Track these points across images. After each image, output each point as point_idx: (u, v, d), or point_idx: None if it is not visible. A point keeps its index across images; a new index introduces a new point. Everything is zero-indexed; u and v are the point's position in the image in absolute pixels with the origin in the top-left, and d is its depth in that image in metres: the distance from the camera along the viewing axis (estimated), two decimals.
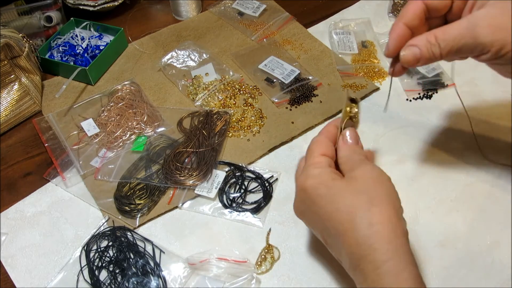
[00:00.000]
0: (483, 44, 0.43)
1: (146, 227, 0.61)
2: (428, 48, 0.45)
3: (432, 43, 0.45)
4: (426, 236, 0.58)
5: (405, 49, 0.47)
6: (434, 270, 0.55)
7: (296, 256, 0.57)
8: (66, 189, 0.65)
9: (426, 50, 0.45)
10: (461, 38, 0.44)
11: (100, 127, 0.71)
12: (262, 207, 0.62)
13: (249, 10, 0.92)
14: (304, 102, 0.75)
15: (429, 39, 0.45)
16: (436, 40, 0.45)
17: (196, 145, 0.67)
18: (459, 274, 0.54)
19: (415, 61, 0.46)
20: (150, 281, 0.55)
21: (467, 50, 0.44)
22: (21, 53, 0.72)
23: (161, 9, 0.97)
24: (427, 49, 0.45)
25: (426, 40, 0.45)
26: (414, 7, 0.47)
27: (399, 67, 0.49)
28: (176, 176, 0.64)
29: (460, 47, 0.44)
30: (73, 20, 0.88)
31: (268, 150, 0.69)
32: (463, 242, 0.57)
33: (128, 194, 0.63)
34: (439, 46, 0.45)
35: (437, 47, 0.45)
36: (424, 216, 0.60)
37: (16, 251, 0.60)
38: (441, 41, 0.45)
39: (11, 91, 0.74)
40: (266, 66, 0.79)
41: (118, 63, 0.85)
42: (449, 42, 0.44)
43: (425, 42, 0.45)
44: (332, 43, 0.85)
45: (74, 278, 0.56)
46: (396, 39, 0.47)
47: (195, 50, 0.84)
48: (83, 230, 0.61)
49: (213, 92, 0.76)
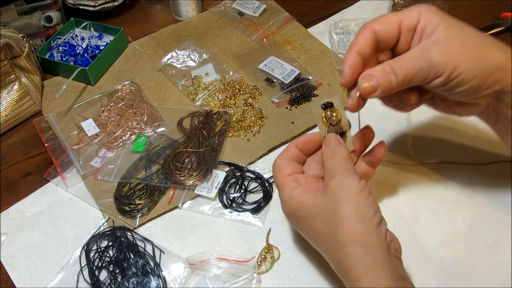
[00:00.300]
0: (437, 66, 0.44)
1: (146, 227, 0.61)
2: (385, 76, 0.45)
3: (388, 71, 0.45)
4: (426, 236, 0.58)
5: (362, 79, 0.46)
6: (434, 270, 0.55)
7: (296, 256, 0.57)
8: (66, 189, 0.65)
9: (383, 78, 0.45)
10: (415, 63, 0.45)
11: (100, 127, 0.71)
12: (262, 207, 0.62)
13: (249, 10, 0.92)
14: (304, 102, 0.75)
15: (384, 68, 0.45)
16: (391, 69, 0.45)
17: (196, 145, 0.67)
18: (459, 274, 0.54)
19: (373, 90, 0.46)
20: (150, 281, 0.55)
21: (422, 74, 0.45)
22: (21, 53, 0.72)
23: (161, 9, 0.97)
24: (383, 77, 0.45)
25: (381, 69, 0.45)
26: (364, 35, 0.47)
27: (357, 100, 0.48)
28: (176, 176, 0.64)
29: (415, 72, 0.45)
30: (73, 20, 0.88)
31: (268, 150, 0.69)
32: (463, 242, 0.57)
33: (128, 194, 0.63)
34: (395, 73, 0.45)
35: (393, 74, 0.45)
36: (424, 216, 0.60)
37: (16, 251, 0.60)
38: (397, 68, 0.45)
39: (11, 91, 0.74)
40: (266, 66, 0.79)
41: (118, 63, 0.85)
42: (404, 68, 0.45)
43: (381, 71, 0.45)
44: (332, 43, 0.85)
45: (74, 278, 0.56)
46: (351, 67, 0.47)
47: (195, 50, 0.84)
48: (83, 230, 0.61)
49: (213, 92, 0.76)
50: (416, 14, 0.47)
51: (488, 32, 0.85)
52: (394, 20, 0.47)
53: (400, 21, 0.47)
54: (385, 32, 0.47)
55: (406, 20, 0.47)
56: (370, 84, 0.45)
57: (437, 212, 0.60)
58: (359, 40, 0.47)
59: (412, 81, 0.45)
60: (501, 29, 0.84)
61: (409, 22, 0.47)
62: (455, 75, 0.44)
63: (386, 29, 0.47)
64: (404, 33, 0.47)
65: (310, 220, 0.47)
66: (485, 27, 0.86)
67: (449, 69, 0.44)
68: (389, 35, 0.47)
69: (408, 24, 0.47)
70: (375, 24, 0.47)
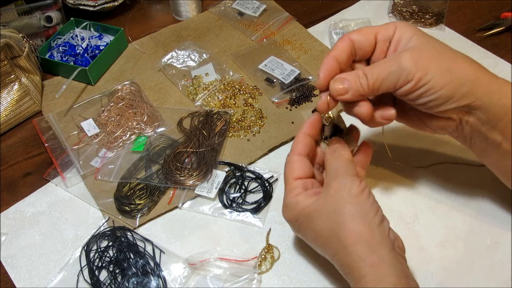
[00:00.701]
0: (407, 71, 0.45)
1: (146, 227, 0.61)
2: (356, 79, 0.47)
3: (360, 76, 0.47)
4: (426, 236, 0.58)
5: (334, 81, 0.48)
6: (434, 270, 0.55)
7: (296, 256, 0.57)
8: (66, 189, 0.65)
9: (354, 81, 0.47)
10: (386, 68, 0.47)
11: (100, 127, 0.71)
12: (262, 207, 0.62)
13: (249, 10, 0.92)
14: (304, 102, 0.75)
15: (357, 72, 0.48)
16: (363, 73, 0.47)
17: (196, 145, 0.67)
18: (459, 274, 0.54)
19: (344, 92, 0.48)
20: (150, 281, 0.55)
21: (392, 79, 0.46)
22: (21, 53, 0.72)
23: (161, 9, 0.97)
24: (355, 80, 0.47)
25: (354, 73, 0.48)
26: (341, 42, 0.50)
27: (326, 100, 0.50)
28: (176, 176, 0.64)
29: (386, 76, 0.47)
30: (73, 20, 0.88)
31: (268, 150, 0.69)
32: (463, 242, 0.57)
33: (128, 194, 0.63)
34: (367, 77, 0.47)
35: (365, 78, 0.47)
36: (424, 216, 0.60)
37: (16, 251, 0.60)
38: (368, 73, 0.47)
39: (11, 91, 0.74)
40: (266, 66, 0.79)
41: (118, 63, 0.85)
42: (375, 73, 0.47)
43: (353, 75, 0.48)
44: (332, 43, 0.85)
45: (74, 278, 0.56)
46: (326, 70, 0.49)
47: (195, 50, 0.84)
48: (83, 230, 0.61)
49: (213, 92, 0.76)
50: (392, 27, 0.50)
51: (488, 32, 0.85)
52: (371, 31, 0.50)
53: (377, 32, 0.50)
54: (361, 41, 0.50)
55: (383, 31, 0.50)
56: (342, 86, 0.48)
57: (437, 212, 0.60)
58: (337, 47, 0.50)
59: (383, 86, 0.47)
60: (501, 29, 0.84)
61: (385, 34, 0.50)
62: (424, 81, 0.46)
63: (363, 38, 0.50)
64: (380, 43, 0.50)
65: (313, 223, 0.47)
66: (485, 27, 0.86)
67: (418, 74, 0.45)
68: (365, 43, 0.50)
69: (384, 35, 0.50)
70: (353, 34, 0.50)
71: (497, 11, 0.88)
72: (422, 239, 0.57)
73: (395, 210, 0.60)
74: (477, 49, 0.82)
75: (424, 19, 0.88)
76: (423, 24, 0.88)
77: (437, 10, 0.90)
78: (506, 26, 0.84)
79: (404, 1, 0.92)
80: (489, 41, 0.84)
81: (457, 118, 0.49)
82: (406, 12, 0.90)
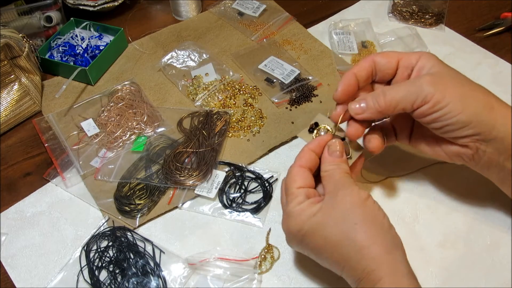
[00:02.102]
0: (425, 92, 0.47)
1: (146, 227, 0.61)
2: (374, 101, 0.49)
3: (378, 97, 0.49)
4: (426, 236, 0.58)
5: (353, 103, 0.51)
6: (434, 270, 0.55)
7: (296, 256, 0.57)
8: (66, 189, 0.65)
9: (372, 103, 0.49)
10: (405, 88, 0.48)
11: (100, 127, 0.71)
12: (262, 207, 0.62)
13: (249, 10, 0.92)
14: (304, 102, 0.75)
15: (376, 93, 0.50)
16: (382, 90, 0.49)
17: (196, 145, 0.67)
18: (459, 274, 0.54)
19: (361, 111, 0.50)
20: (150, 281, 0.55)
21: (410, 99, 0.47)
22: (21, 53, 0.72)
23: (161, 9, 0.98)
24: (373, 102, 0.49)
25: (372, 94, 0.50)
26: (364, 62, 0.52)
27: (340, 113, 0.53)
28: (176, 176, 0.64)
29: (403, 95, 0.48)
30: (73, 20, 0.88)
31: (268, 150, 0.69)
32: (463, 242, 0.57)
33: (128, 194, 0.63)
34: (384, 96, 0.49)
35: (382, 97, 0.49)
36: (424, 216, 0.60)
37: (16, 251, 0.60)
38: (387, 91, 0.49)
39: (11, 91, 0.74)
40: (266, 66, 0.79)
41: (118, 63, 0.85)
42: (393, 92, 0.49)
43: (372, 96, 0.50)
44: (332, 43, 0.85)
45: (74, 278, 0.56)
46: (345, 85, 0.52)
47: (195, 50, 0.84)
48: (83, 230, 0.61)
49: (213, 92, 0.76)
50: (416, 56, 0.51)
51: (488, 32, 0.85)
52: (395, 56, 0.52)
53: (400, 58, 0.52)
54: (383, 63, 0.52)
55: (405, 59, 0.51)
56: (359, 106, 0.50)
57: (437, 212, 0.60)
58: (359, 65, 0.52)
59: (400, 104, 0.48)
60: (501, 29, 0.84)
61: (407, 61, 0.51)
62: (442, 105, 0.47)
63: (385, 61, 0.52)
64: (401, 69, 0.51)
65: (322, 229, 0.46)
66: (485, 27, 0.86)
67: (436, 97, 0.46)
68: (386, 66, 0.52)
69: (406, 62, 0.51)
70: (377, 56, 0.52)
71: (497, 11, 0.88)
72: (422, 239, 0.57)
73: (395, 210, 0.60)
74: (477, 49, 0.82)
75: (424, 19, 0.89)
76: (423, 24, 0.88)
77: (437, 10, 0.90)
78: (506, 26, 0.84)
79: (404, 1, 0.92)
80: (489, 41, 0.84)
81: (474, 146, 0.49)
82: (406, 12, 0.90)
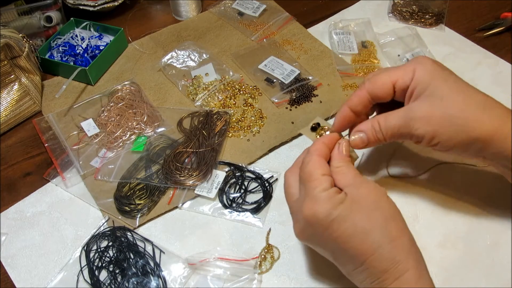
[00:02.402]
0: (418, 135, 0.49)
1: (146, 227, 0.61)
2: (373, 133, 0.51)
3: (376, 130, 0.51)
4: (426, 236, 0.58)
5: (354, 134, 0.52)
6: (434, 271, 0.54)
7: (296, 256, 0.57)
8: (66, 189, 0.65)
9: (371, 135, 0.51)
10: (398, 128, 0.50)
11: (100, 127, 0.71)
12: (262, 207, 0.62)
13: (249, 10, 0.92)
14: (304, 102, 0.75)
15: (374, 125, 0.51)
16: (379, 127, 0.51)
17: (196, 145, 0.67)
18: (459, 274, 0.54)
19: (363, 145, 0.52)
20: (150, 281, 0.55)
21: (405, 137, 0.50)
22: (21, 53, 0.72)
23: (161, 9, 0.98)
24: (372, 134, 0.51)
25: (371, 126, 0.51)
26: (359, 94, 0.52)
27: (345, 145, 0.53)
28: (176, 176, 0.64)
29: (398, 134, 0.50)
30: (73, 20, 0.88)
31: (268, 150, 0.69)
32: (463, 242, 0.57)
33: (128, 194, 0.63)
34: (382, 132, 0.51)
35: (381, 133, 0.51)
36: (424, 216, 0.60)
37: (16, 251, 0.60)
38: (383, 128, 0.50)
39: (11, 91, 0.74)
40: (266, 66, 0.79)
41: (118, 63, 0.85)
42: (389, 130, 0.50)
43: (371, 128, 0.51)
44: (332, 43, 0.85)
45: (74, 278, 0.56)
46: (340, 119, 0.53)
47: (195, 50, 0.84)
48: (83, 230, 0.61)
49: (213, 92, 0.76)
50: (410, 74, 0.50)
51: (488, 32, 0.85)
52: (388, 82, 0.51)
53: (394, 82, 0.51)
54: (378, 93, 0.52)
55: (400, 81, 0.50)
56: (361, 140, 0.52)
57: (437, 212, 0.60)
58: (353, 98, 0.53)
59: (398, 139, 0.51)
60: (501, 29, 0.84)
61: (402, 82, 0.50)
62: (434, 142, 0.49)
63: (380, 91, 0.51)
64: (399, 92, 0.51)
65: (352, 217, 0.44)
66: (485, 27, 0.86)
67: (427, 138, 0.48)
68: (381, 93, 0.52)
69: (401, 84, 0.50)
70: (369, 86, 0.52)
71: (497, 11, 0.88)
72: (422, 239, 0.57)
73: None
74: (477, 49, 0.82)
75: (424, 19, 0.88)
76: (423, 24, 0.88)
77: (437, 10, 0.90)
78: (506, 26, 0.84)
79: (404, 1, 0.92)
80: (489, 41, 0.84)
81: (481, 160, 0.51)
82: (406, 12, 0.90)
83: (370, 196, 0.46)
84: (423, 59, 0.51)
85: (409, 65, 0.50)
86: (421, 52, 0.80)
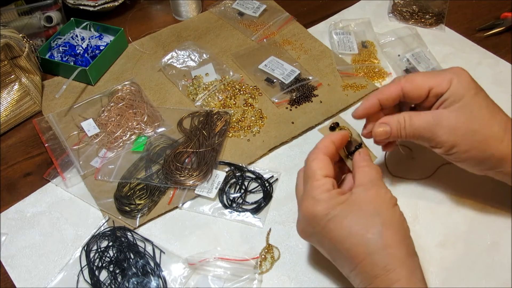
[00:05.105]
0: (439, 141, 0.51)
1: (146, 227, 0.61)
2: (398, 128, 0.52)
3: (401, 126, 0.52)
4: (426, 236, 0.58)
5: (379, 126, 0.53)
6: (434, 271, 0.55)
7: (296, 256, 0.57)
8: (66, 189, 0.65)
9: (396, 129, 0.52)
10: (423, 129, 0.51)
11: (100, 127, 0.71)
12: (262, 207, 0.62)
13: (249, 10, 0.92)
14: (304, 102, 0.75)
15: (400, 120, 0.52)
16: (405, 124, 0.52)
17: (196, 145, 0.67)
18: (459, 274, 0.54)
19: (385, 136, 0.53)
20: (150, 281, 0.55)
21: (425, 140, 0.52)
22: (21, 53, 0.72)
23: (161, 9, 0.98)
24: (397, 129, 0.52)
25: (397, 121, 0.52)
26: (393, 89, 0.53)
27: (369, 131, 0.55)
28: (176, 176, 0.64)
29: (420, 136, 0.52)
30: (73, 20, 0.88)
31: (268, 150, 0.69)
32: (463, 242, 0.57)
33: (128, 194, 0.63)
34: (405, 129, 0.52)
35: (404, 130, 0.52)
36: (424, 216, 0.60)
37: (16, 251, 0.60)
38: (408, 126, 0.52)
39: (11, 91, 0.74)
40: (266, 66, 0.79)
41: (118, 63, 0.85)
42: (413, 129, 0.52)
43: (396, 122, 0.52)
44: (332, 43, 0.85)
45: (74, 278, 0.56)
46: (366, 107, 0.54)
47: (195, 50, 0.84)
48: (83, 230, 0.61)
49: (213, 92, 0.76)
50: (447, 83, 0.51)
51: (488, 32, 0.85)
52: (425, 86, 0.52)
53: (431, 88, 0.51)
54: (413, 94, 0.52)
55: (436, 89, 0.51)
56: (385, 131, 0.53)
57: (437, 212, 0.60)
58: (386, 91, 0.53)
59: (418, 140, 0.53)
60: (501, 29, 0.84)
61: (438, 91, 0.51)
62: (451, 152, 0.51)
63: (416, 92, 0.52)
64: (431, 98, 0.52)
65: (349, 219, 0.45)
66: (485, 27, 0.86)
67: (447, 146, 0.51)
68: (416, 96, 0.53)
69: (437, 92, 0.51)
70: (406, 84, 0.52)
71: (497, 11, 0.88)
72: (422, 239, 0.57)
73: None
74: (477, 49, 0.82)
75: (424, 19, 0.89)
76: (423, 24, 0.88)
77: (437, 10, 0.90)
78: (506, 26, 0.84)
79: (404, 1, 0.92)
80: (489, 41, 0.84)
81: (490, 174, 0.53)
82: (406, 12, 0.90)
83: (374, 201, 0.46)
84: (461, 70, 0.52)
85: (447, 74, 0.52)
86: (421, 52, 0.80)
